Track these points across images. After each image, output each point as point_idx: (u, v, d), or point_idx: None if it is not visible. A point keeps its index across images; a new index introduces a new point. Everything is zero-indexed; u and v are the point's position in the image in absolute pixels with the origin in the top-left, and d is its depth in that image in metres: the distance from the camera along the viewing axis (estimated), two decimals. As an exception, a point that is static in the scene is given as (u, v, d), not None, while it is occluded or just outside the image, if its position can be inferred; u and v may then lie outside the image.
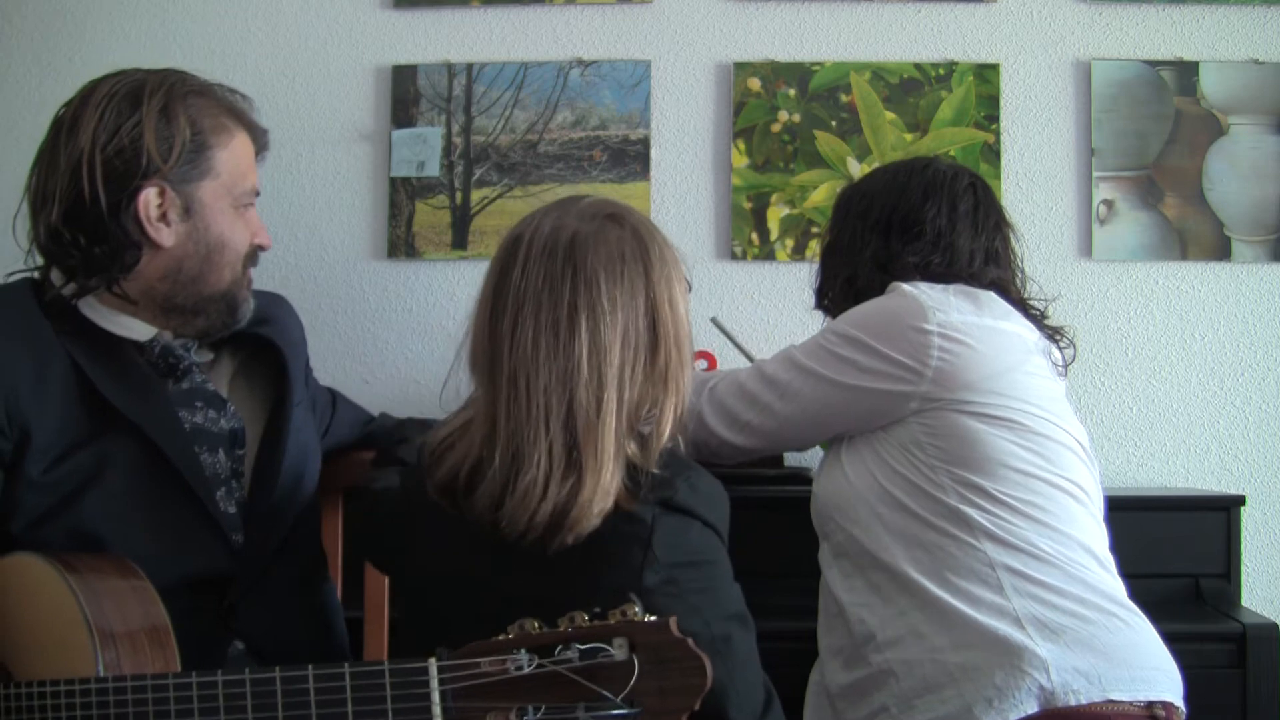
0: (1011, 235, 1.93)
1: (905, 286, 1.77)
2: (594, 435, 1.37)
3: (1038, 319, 1.84)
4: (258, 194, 1.70)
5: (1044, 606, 1.59)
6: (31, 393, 1.51)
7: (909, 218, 1.86)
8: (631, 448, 1.41)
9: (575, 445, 1.37)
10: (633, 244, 1.43)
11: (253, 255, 1.71)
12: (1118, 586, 1.68)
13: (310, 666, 1.21)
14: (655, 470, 1.41)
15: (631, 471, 1.41)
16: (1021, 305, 1.84)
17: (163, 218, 1.59)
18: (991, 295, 1.80)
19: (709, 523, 1.44)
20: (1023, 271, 1.94)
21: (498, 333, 1.41)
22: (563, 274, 1.39)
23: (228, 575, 1.60)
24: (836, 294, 1.92)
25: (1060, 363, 1.83)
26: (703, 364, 1.91)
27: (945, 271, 1.83)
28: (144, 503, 1.54)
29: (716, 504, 1.47)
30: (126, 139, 1.56)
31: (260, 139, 1.72)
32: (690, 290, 1.50)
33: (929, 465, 1.68)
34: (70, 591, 1.38)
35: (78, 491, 1.51)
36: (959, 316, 1.72)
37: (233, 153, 1.64)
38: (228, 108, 1.66)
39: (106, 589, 1.40)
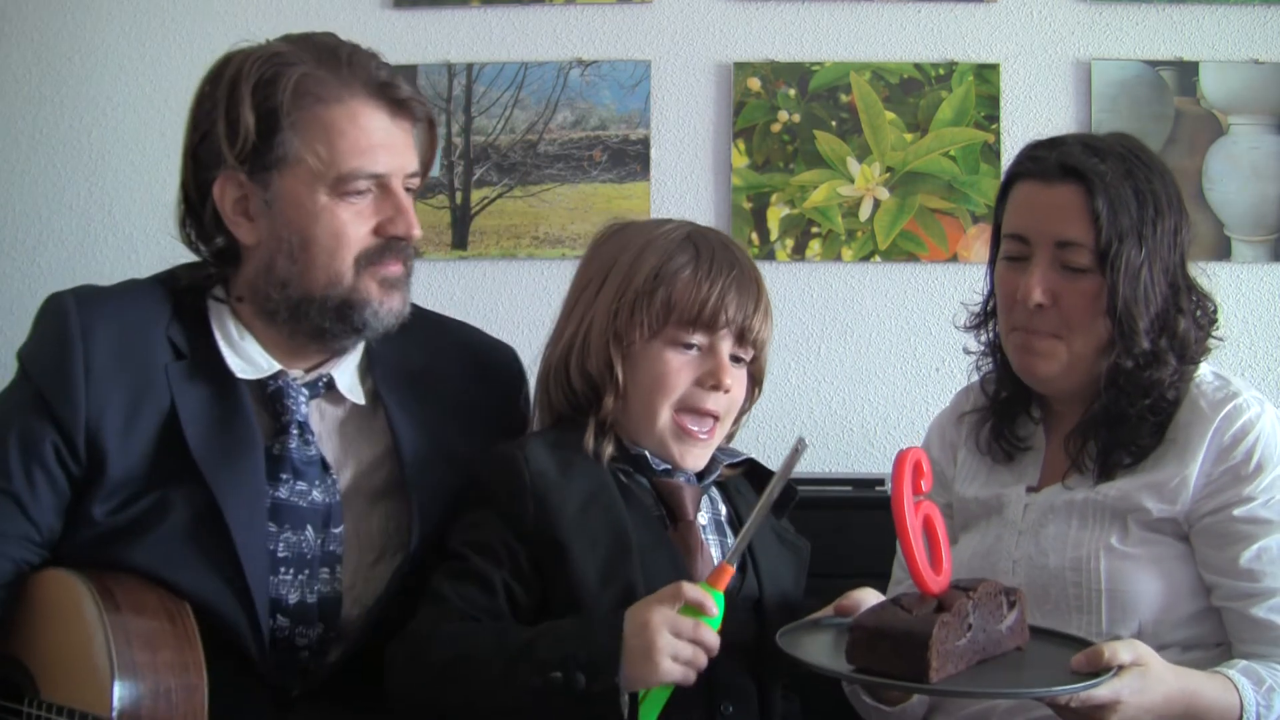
0: None
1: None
2: None
3: None
4: (375, 176, 1.40)
5: None
6: (119, 428, 1.37)
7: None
8: None
9: None
10: None
11: (384, 249, 1.43)
12: None
13: None
14: None
15: None
16: None
17: (244, 212, 1.40)
18: None
19: None
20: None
21: None
22: None
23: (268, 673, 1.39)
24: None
25: None
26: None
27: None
28: (192, 566, 1.37)
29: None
30: (206, 126, 1.40)
31: (397, 106, 1.42)
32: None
33: None
34: (100, 621, 1.29)
35: (133, 535, 1.37)
36: None
37: (325, 132, 1.38)
38: (327, 77, 1.40)
39: (141, 628, 1.30)
